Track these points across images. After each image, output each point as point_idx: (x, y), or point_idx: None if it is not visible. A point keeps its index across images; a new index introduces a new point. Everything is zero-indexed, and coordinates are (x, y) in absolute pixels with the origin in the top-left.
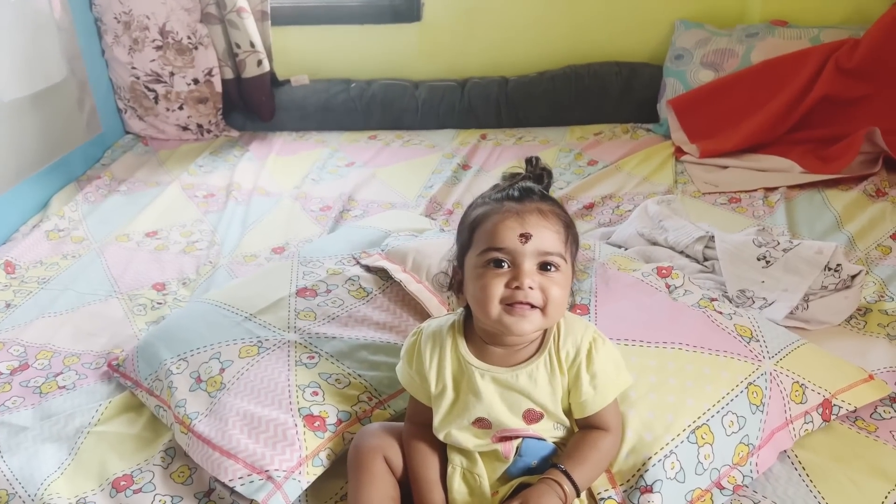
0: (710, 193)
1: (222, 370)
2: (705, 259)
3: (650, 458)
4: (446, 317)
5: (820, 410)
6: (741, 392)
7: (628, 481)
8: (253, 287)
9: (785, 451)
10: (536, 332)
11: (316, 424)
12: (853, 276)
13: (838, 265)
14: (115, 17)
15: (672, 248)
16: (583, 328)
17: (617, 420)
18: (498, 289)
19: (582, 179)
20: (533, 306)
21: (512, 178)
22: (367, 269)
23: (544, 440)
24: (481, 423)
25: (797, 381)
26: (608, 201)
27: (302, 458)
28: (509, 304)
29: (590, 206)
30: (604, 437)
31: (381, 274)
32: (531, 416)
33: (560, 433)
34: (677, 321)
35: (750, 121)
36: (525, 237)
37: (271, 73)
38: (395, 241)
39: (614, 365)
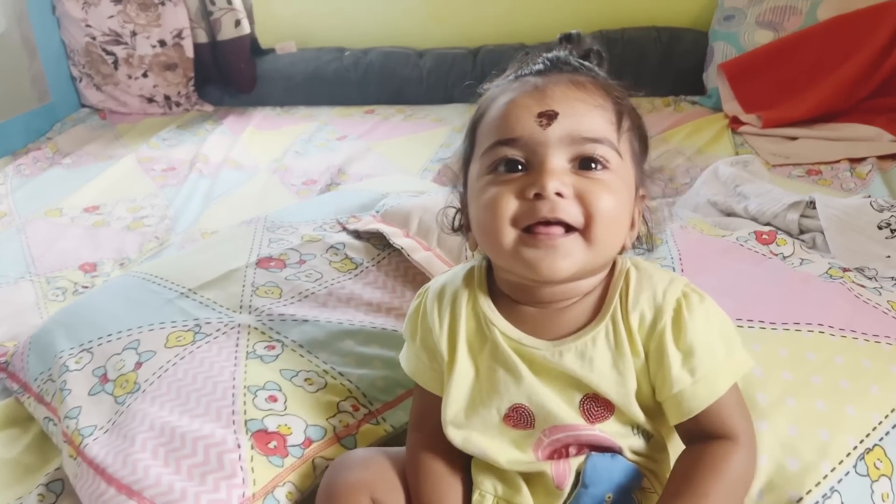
0: (781, 165)
1: (139, 364)
2: (802, 231)
3: (801, 499)
4: (461, 266)
5: None
6: None
7: None
8: (197, 257)
9: None
10: (586, 277)
11: (271, 445)
12: None
13: None
14: None
15: (755, 220)
16: (666, 279)
17: (743, 421)
18: (508, 202)
19: None
20: (568, 227)
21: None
22: (358, 235)
23: (619, 454)
24: (518, 417)
25: None
26: (657, 174)
27: (247, 497)
28: (528, 230)
29: None
30: (727, 451)
31: (376, 241)
32: (594, 410)
33: (639, 443)
34: (807, 295)
35: (820, 86)
36: (546, 117)
37: (252, 39)
38: (395, 201)
39: (721, 333)
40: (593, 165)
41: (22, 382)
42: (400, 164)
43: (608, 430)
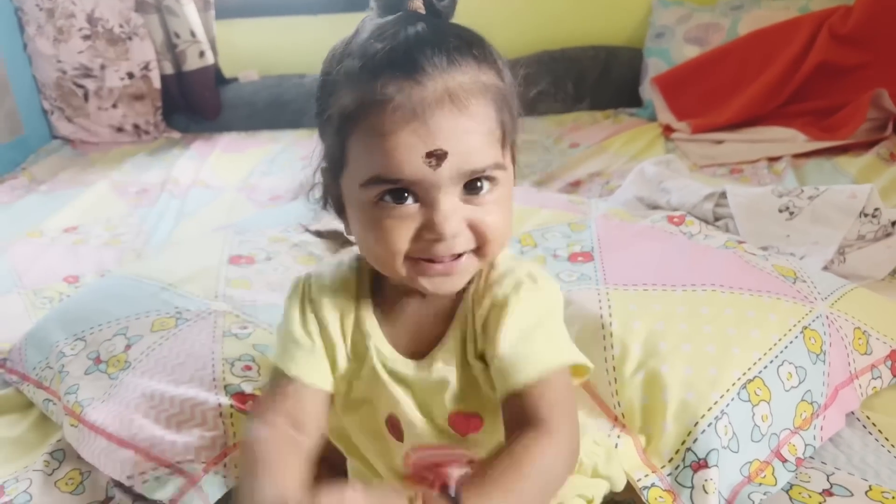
0: (708, 166)
1: (128, 347)
2: (716, 219)
3: (697, 422)
4: (347, 260)
5: (889, 363)
6: (796, 337)
7: (672, 460)
8: (174, 257)
9: (852, 412)
10: None
11: (249, 404)
12: (894, 223)
13: (876, 209)
14: (37, 5)
15: (676, 211)
16: (510, 265)
17: (560, 414)
18: (402, 240)
19: (565, 159)
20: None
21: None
22: (319, 234)
23: None
24: (394, 427)
25: (858, 327)
26: (596, 178)
27: (227, 447)
28: (424, 260)
29: (576, 184)
30: (536, 443)
31: (336, 239)
32: (463, 423)
33: None
34: (704, 262)
35: (743, 94)
36: (436, 157)
37: (216, 69)
38: None
39: (547, 318)
40: (480, 184)
41: (20, 374)
42: None
43: (480, 440)
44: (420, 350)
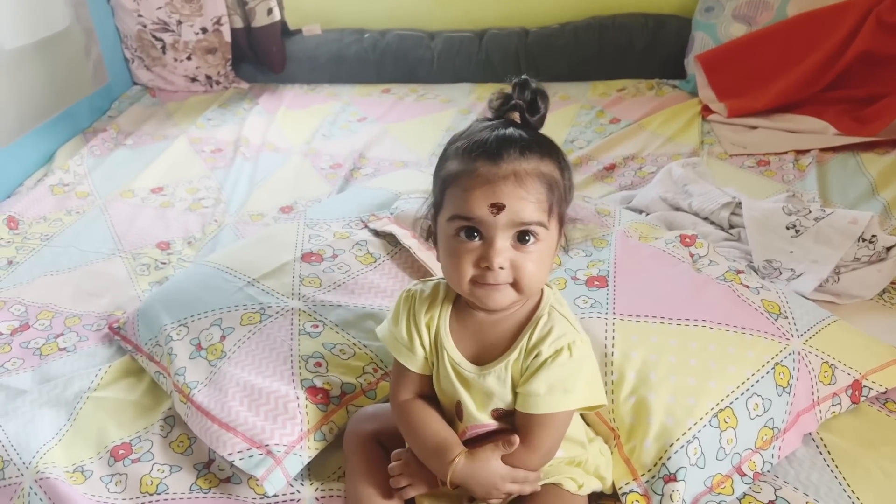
0: (737, 155)
1: (223, 338)
2: (731, 226)
3: (672, 444)
4: (438, 281)
5: (849, 392)
6: (767, 373)
7: (650, 471)
8: (256, 250)
9: (809, 433)
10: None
11: (319, 397)
12: (888, 248)
13: (873, 236)
14: None
15: (696, 215)
16: (561, 331)
17: (543, 439)
18: (467, 267)
19: (603, 139)
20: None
21: (499, 107)
22: (376, 233)
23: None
24: (458, 410)
25: (826, 361)
26: (630, 162)
27: (303, 432)
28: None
29: (610, 168)
30: (517, 452)
31: (390, 239)
32: (500, 415)
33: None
34: (701, 297)
35: (782, 78)
36: (496, 207)
37: (282, 23)
38: (405, 205)
39: (569, 380)
40: (527, 238)
41: (134, 345)
42: (412, 147)
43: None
44: (481, 359)
